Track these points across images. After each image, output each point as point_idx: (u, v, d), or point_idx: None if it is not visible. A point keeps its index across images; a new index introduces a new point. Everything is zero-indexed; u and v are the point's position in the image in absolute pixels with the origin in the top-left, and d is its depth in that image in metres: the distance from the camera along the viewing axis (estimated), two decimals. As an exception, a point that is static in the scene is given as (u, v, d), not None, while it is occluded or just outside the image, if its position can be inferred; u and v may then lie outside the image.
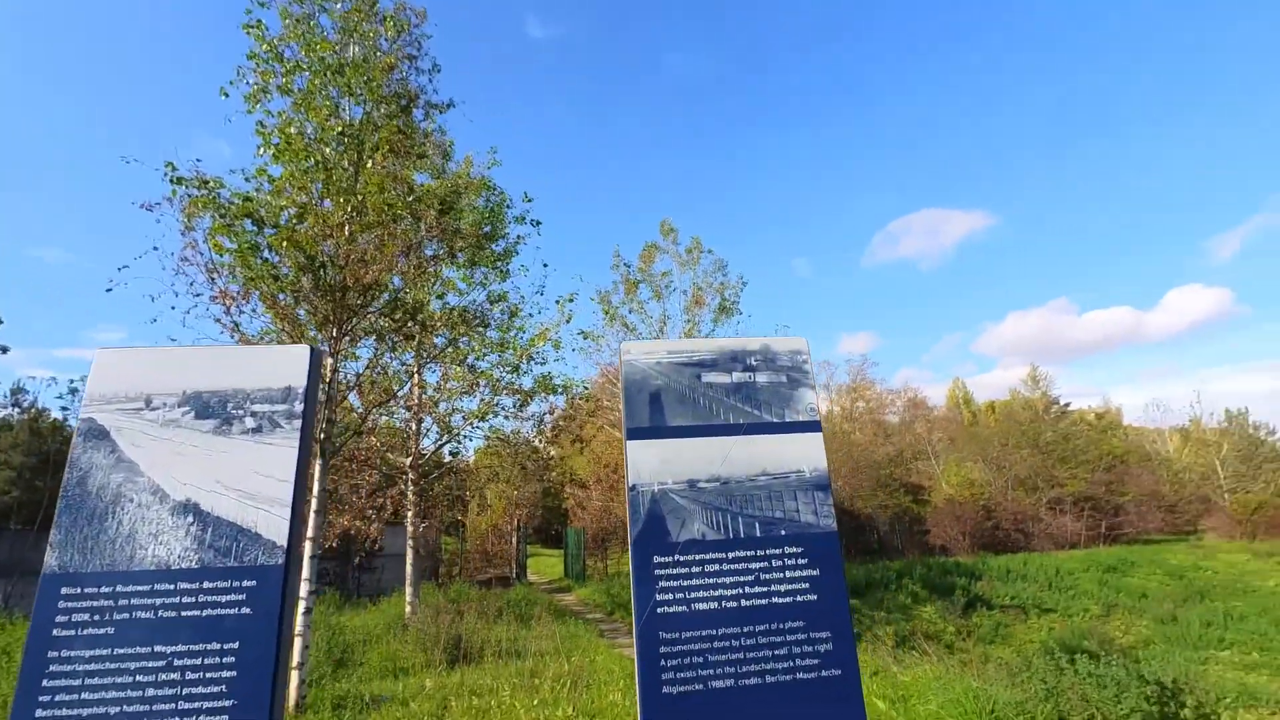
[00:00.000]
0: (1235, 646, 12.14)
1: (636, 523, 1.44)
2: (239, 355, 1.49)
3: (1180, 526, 26.00)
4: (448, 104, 9.66)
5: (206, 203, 7.02)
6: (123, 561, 1.28)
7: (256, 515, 1.33)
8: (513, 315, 11.56)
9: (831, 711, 1.31)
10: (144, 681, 1.20)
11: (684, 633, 1.34)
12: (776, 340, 1.64)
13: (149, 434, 1.37)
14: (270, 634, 1.25)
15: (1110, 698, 5.66)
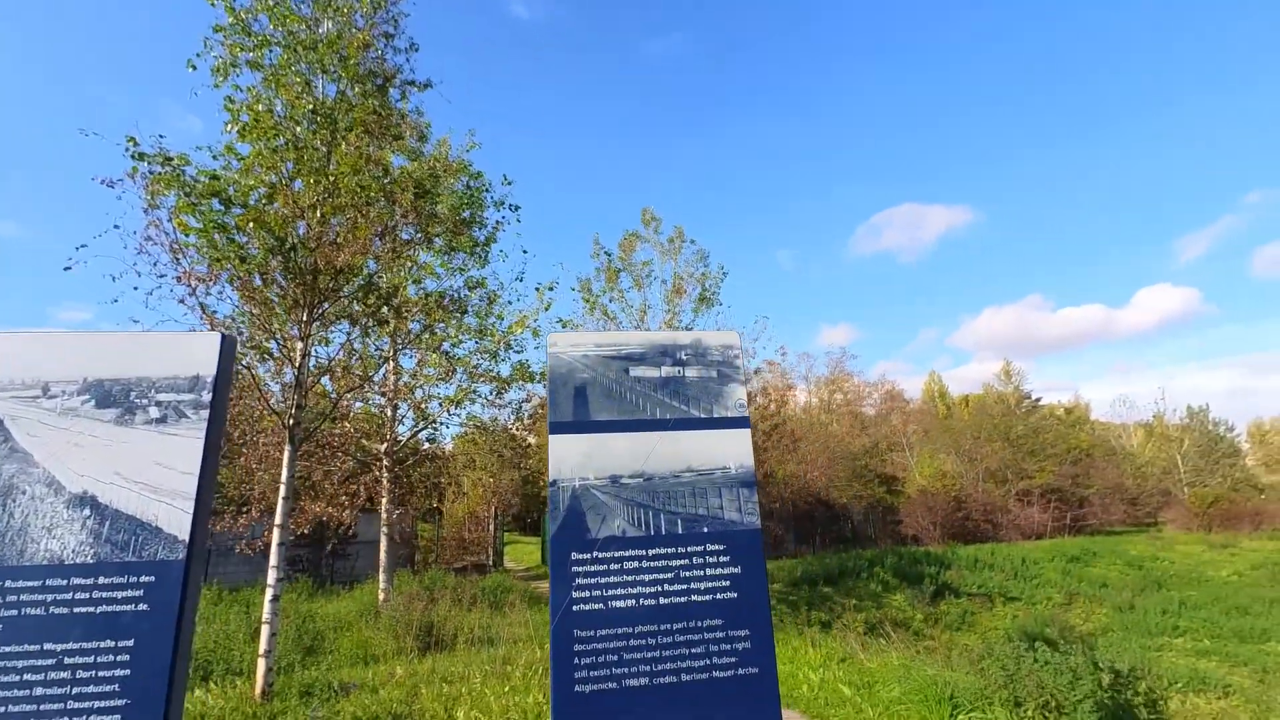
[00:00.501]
0: (1188, 634, 12.62)
1: (556, 519, 1.42)
2: (145, 342, 1.42)
3: (1141, 518, 26.90)
4: (425, 84, 9.41)
5: (170, 180, 6.77)
6: (12, 556, 1.23)
7: (158, 509, 1.28)
8: (491, 302, 11.43)
9: (747, 710, 1.31)
10: (32, 680, 1.15)
11: (599, 630, 1.33)
12: (709, 334, 1.62)
13: (46, 423, 1.31)
14: (168, 631, 1.21)
15: (1065, 684, 5.83)
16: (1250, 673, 10.10)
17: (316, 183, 7.65)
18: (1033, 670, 5.98)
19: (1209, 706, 7.93)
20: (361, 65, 8.39)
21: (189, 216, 7.23)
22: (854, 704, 5.54)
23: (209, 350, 1.41)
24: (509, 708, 5.53)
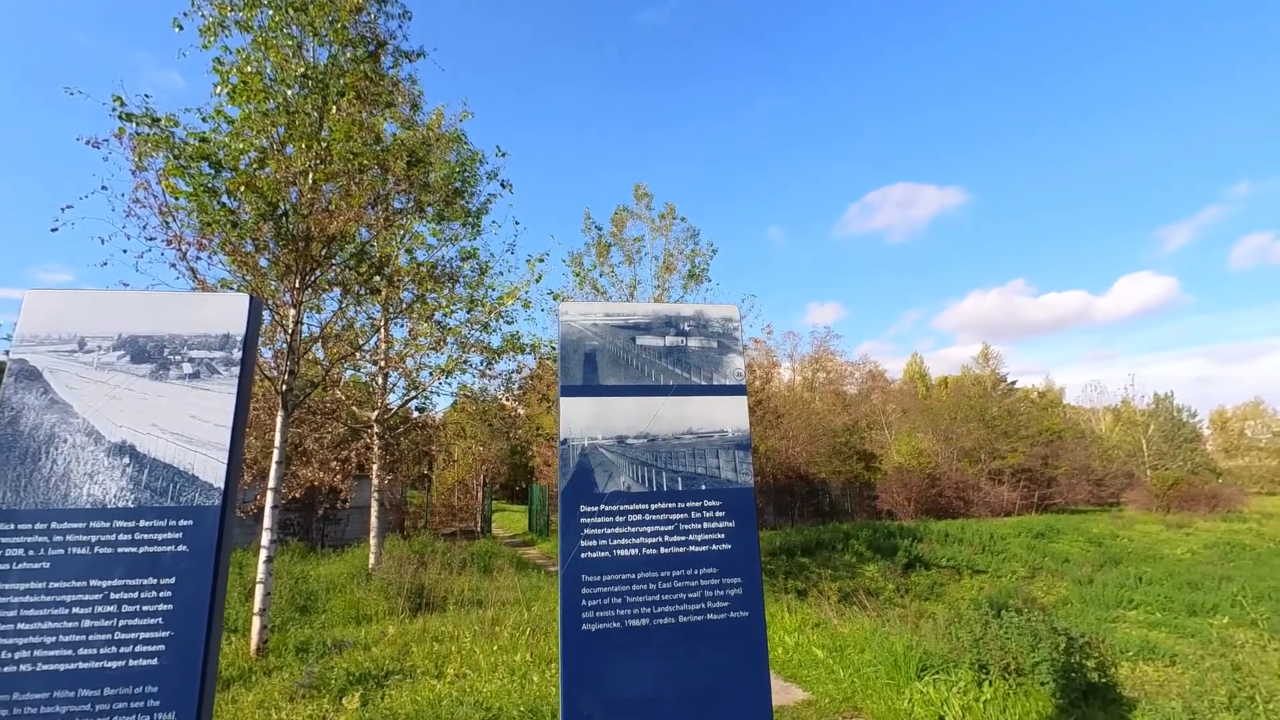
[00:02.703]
0: (1142, 607, 13.31)
1: (566, 475, 1.53)
2: (177, 301, 1.47)
3: (1105, 499, 28.01)
4: (418, 52, 9.17)
5: (158, 141, 6.58)
6: (57, 500, 1.30)
7: (194, 458, 1.36)
8: (483, 273, 11.35)
9: (737, 648, 1.46)
10: (80, 613, 1.24)
11: (605, 576, 1.46)
12: (710, 307, 1.72)
13: (83, 376, 1.37)
14: (206, 571, 1.31)
15: (1026, 646, 6.13)
16: (1197, 644, 10.75)
17: (309, 148, 7.49)
18: (997, 635, 6.30)
19: (1156, 674, 8.45)
20: (353, 29, 8.13)
21: (178, 179, 7.05)
22: (826, 665, 5.82)
23: (238, 310, 1.46)
24: (497, 665, 5.74)
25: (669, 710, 1.40)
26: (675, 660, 1.44)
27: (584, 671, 1.39)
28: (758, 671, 1.46)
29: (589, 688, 1.38)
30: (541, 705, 4.45)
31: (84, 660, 1.23)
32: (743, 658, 1.46)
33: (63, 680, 1.22)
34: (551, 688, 5.10)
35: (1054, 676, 5.72)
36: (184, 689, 1.24)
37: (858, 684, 5.29)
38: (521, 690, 5.04)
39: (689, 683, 1.42)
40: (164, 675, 1.24)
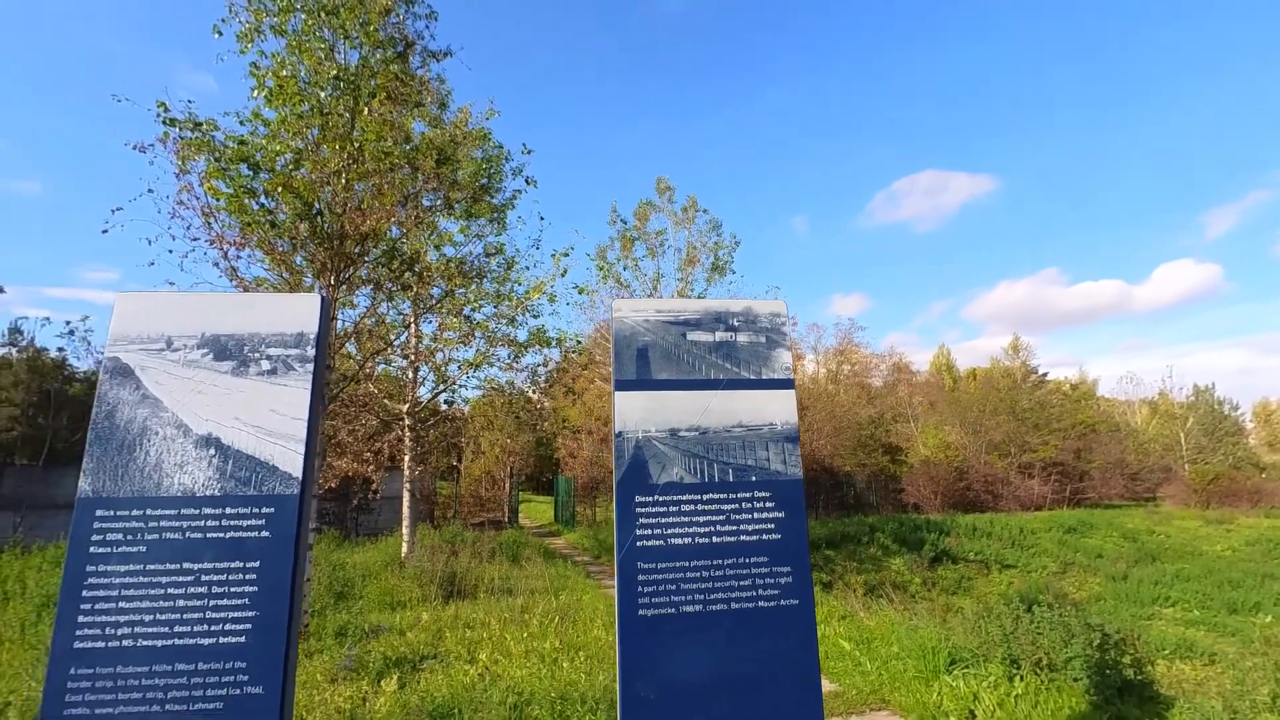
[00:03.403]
0: (1179, 604, 12.93)
1: (621, 466, 1.58)
2: (254, 301, 1.56)
3: (1140, 493, 27.19)
4: (445, 52, 9.29)
5: (200, 145, 6.83)
6: (151, 488, 1.39)
7: (273, 449, 1.44)
8: (509, 268, 11.49)
9: (788, 634, 1.50)
10: (174, 594, 1.34)
11: (660, 564, 1.51)
12: (758, 303, 1.75)
13: (171, 373, 1.46)
14: (288, 555, 1.39)
15: (1059, 642, 6.02)
16: (1238, 643, 10.41)
17: (342, 149, 7.67)
18: (1029, 629, 6.20)
19: (1193, 672, 8.22)
20: (382, 31, 8.28)
21: (219, 181, 7.30)
22: (853, 658, 5.80)
23: (311, 310, 1.54)
24: (528, 651, 5.87)
25: (722, 694, 1.45)
26: (728, 645, 1.48)
27: (640, 655, 1.45)
28: (808, 657, 1.50)
29: (645, 670, 1.43)
30: (571, 691, 4.54)
31: (179, 637, 1.33)
32: (793, 644, 1.50)
33: (160, 655, 1.32)
34: (581, 674, 5.21)
35: (1088, 673, 5.61)
36: (270, 664, 1.33)
37: (885, 677, 5.27)
38: (552, 676, 5.15)
39: (741, 667, 1.47)
40: (251, 651, 1.33)
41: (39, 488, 12.77)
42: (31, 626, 7.12)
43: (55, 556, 10.56)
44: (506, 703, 4.32)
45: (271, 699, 1.31)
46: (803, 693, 1.47)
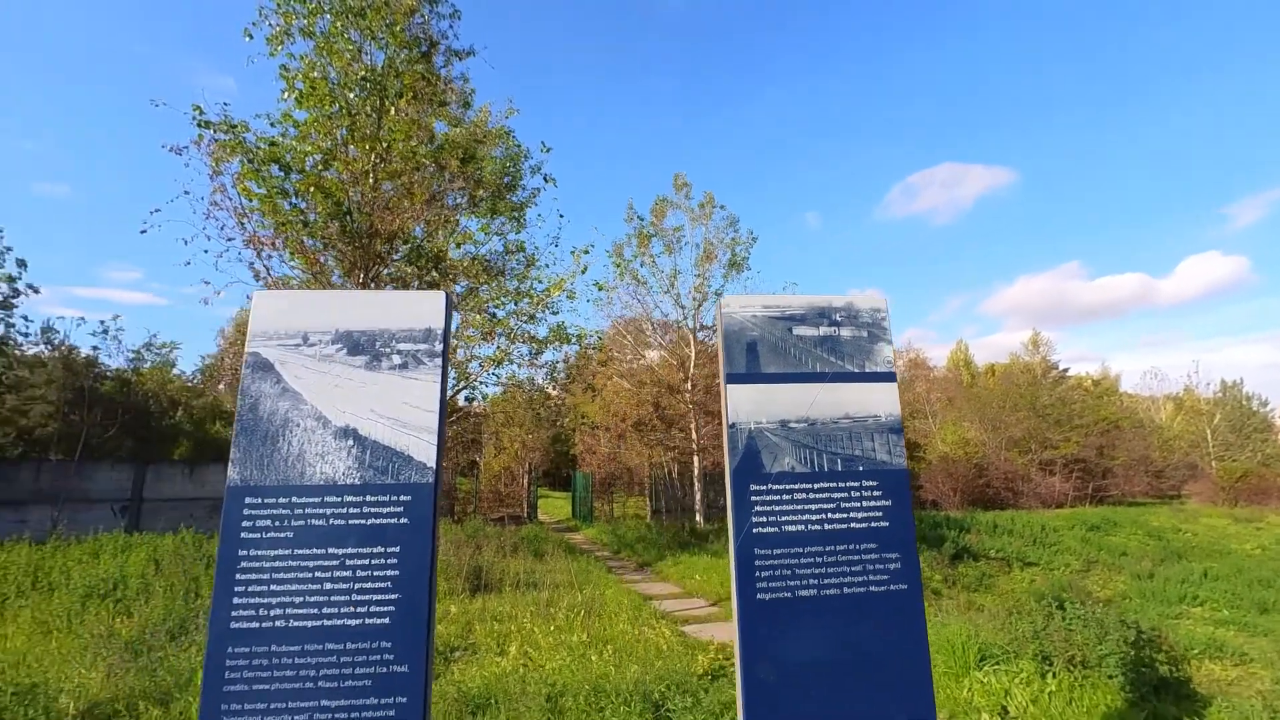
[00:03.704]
0: (1207, 603, 12.74)
1: (735, 456, 1.64)
2: (382, 299, 1.62)
3: (1165, 491, 26.78)
4: (468, 50, 9.38)
5: (234, 147, 6.98)
6: (295, 477, 1.47)
7: (408, 440, 1.51)
8: (529, 265, 11.58)
9: (898, 618, 1.55)
10: (321, 577, 1.41)
11: (775, 550, 1.56)
12: (859, 298, 1.80)
13: (308, 367, 1.53)
14: (425, 541, 1.46)
15: (1092, 639, 5.98)
16: (1269, 643, 10.25)
17: (371, 149, 7.79)
18: (1061, 626, 6.17)
19: (1223, 672, 8.11)
20: (407, 31, 8.38)
21: (252, 182, 7.45)
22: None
23: (437, 307, 1.61)
24: (556, 644, 5.95)
25: (838, 674, 1.50)
26: (841, 628, 1.54)
27: (759, 637, 1.50)
28: (917, 640, 1.55)
29: (765, 652, 1.49)
30: (604, 683, 4.60)
31: (327, 618, 1.40)
32: (903, 627, 1.55)
33: (311, 635, 1.39)
34: (611, 667, 5.27)
35: (1123, 670, 5.57)
36: (413, 644, 1.40)
37: (917, 672, 5.27)
38: (583, 669, 5.22)
39: (855, 649, 1.52)
40: (395, 632, 1.40)
41: (74, 482, 13.12)
42: (77, 616, 7.32)
43: (94, 548, 10.83)
44: (541, 694, 4.39)
45: (416, 677, 1.38)
46: (914, 674, 1.52)
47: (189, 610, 7.06)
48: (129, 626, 6.54)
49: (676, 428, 16.23)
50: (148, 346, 16.31)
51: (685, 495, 18.14)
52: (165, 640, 5.91)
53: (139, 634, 6.09)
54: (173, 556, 9.90)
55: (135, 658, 5.26)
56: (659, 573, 11.35)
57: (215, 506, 14.21)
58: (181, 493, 14.17)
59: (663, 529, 14.88)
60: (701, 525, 15.39)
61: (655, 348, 17.73)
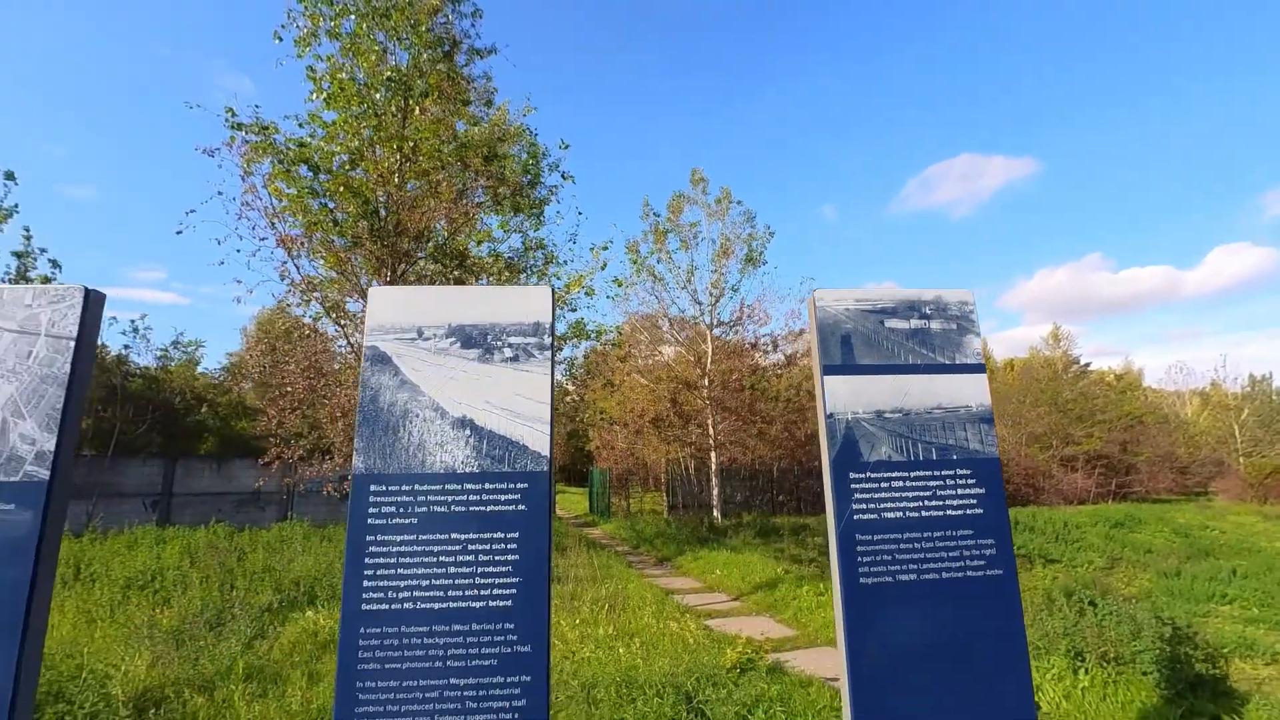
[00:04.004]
0: (1237, 602, 12.53)
1: (834, 445, 1.68)
2: (493, 295, 1.68)
3: (1191, 488, 26.34)
4: (490, 49, 9.45)
5: (265, 148, 7.13)
6: (416, 465, 1.53)
7: (523, 430, 1.57)
8: (548, 262, 11.65)
9: (994, 603, 1.59)
10: (446, 561, 1.48)
11: (875, 536, 1.61)
12: (947, 292, 1.84)
13: (424, 360, 1.60)
14: (542, 526, 1.52)
15: (1126, 635, 5.93)
16: (1302, 641, 10.06)
17: (398, 149, 7.90)
18: (1094, 622, 6.13)
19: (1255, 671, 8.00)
20: (431, 31, 8.47)
21: (282, 183, 7.59)
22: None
23: (544, 301, 1.67)
24: (583, 637, 6.02)
25: (939, 656, 1.54)
26: (941, 612, 1.58)
27: (864, 620, 1.55)
28: (1014, 623, 1.59)
29: (869, 635, 1.53)
30: (633, 675, 4.66)
31: (453, 601, 1.46)
32: (1000, 611, 1.60)
33: (437, 617, 1.46)
34: (639, 659, 5.33)
35: (1158, 666, 5.54)
36: (535, 626, 1.46)
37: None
38: (612, 660, 5.29)
39: (954, 632, 1.57)
40: (518, 614, 1.46)
41: (107, 477, 13.46)
42: (119, 606, 7.53)
43: (129, 541, 11.11)
44: (575, 683, 4.46)
45: (539, 657, 1.44)
46: (1012, 657, 1.56)
47: (225, 601, 7.24)
48: (169, 616, 6.72)
49: (694, 423, 16.26)
50: (174, 344, 16.64)
51: (702, 491, 18.18)
52: (205, 630, 6.07)
53: (179, 624, 6.26)
54: (206, 549, 10.13)
55: (178, 647, 5.41)
56: (679, 568, 11.41)
57: (241, 501, 14.51)
58: (209, 487, 14.48)
59: (681, 524, 14.94)
60: (719, 521, 15.43)
61: (672, 344, 17.76)
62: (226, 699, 4.31)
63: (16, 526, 1.41)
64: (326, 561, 9.37)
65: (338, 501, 13.92)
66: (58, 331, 1.54)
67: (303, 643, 5.80)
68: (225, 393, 16.88)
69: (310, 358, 10.78)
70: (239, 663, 5.01)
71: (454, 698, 1.40)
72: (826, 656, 5.79)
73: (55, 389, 1.49)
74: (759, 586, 9.03)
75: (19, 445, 1.46)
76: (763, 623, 7.05)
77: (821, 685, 4.72)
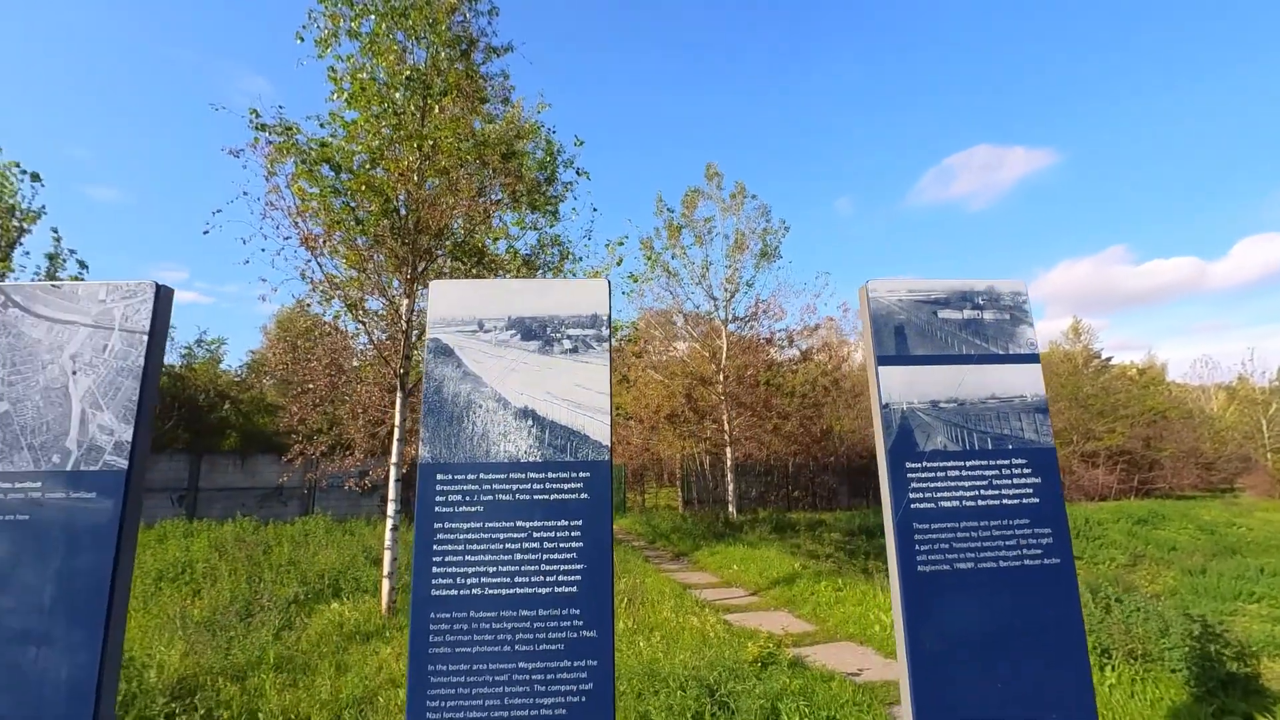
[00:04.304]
0: (1265, 600, 12.30)
1: (890, 435, 1.70)
2: (552, 287, 1.72)
3: (1216, 484, 25.82)
4: (507, 47, 9.49)
5: (289, 148, 7.24)
6: (481, 455, 1.57)
7: (584, 420, 1.60)
8: (564, 258, 11.69)
9: (1052, 591, 1.60)
10: (511, 549, 1.52)
11: (932, 525, 1.63)
12: (1000, 282, 1.84)
13: (486, 352, 1.64)
14: (605, 514, 1.55)
15: (1154, 632, 5.87)
16: (1335, 639, 9.85)
17: (418, 147, 7.97)
18: (1121, 619, 6.06)
19: (1285, 670, 7.85)
20: (449, 29, 8.52)
21: (305, 182, 7.70)
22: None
23: (601, 294, 1.70)
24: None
25: (998, 644, 1.56)
26: (999, 600, 1.60)
27: (921, 607, 1.57)
28: (1072, 612, 1.60)
29: (927, 621, 1.55)
30: (655, 667, 4.70)
31: (519, 586, 1.51)
32: (1058, 599, 1.61)
33: (505, 602, 1.50)
34: (659, 653, 5.37)
35: (1187, 664, 5.48)
36: (600, 611, 1.50)
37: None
38: (633, 653, 5.34)
39: (1012, 619, 1.58)
40: (582, 600, 1.50)
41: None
42: (152, 598, 7.73)
43: (159, 534, 11.38)
44: None
45: (604, 641, 1.48)
46: (1070, 646, 1.57)
47: (253, 593, 7.40)
48: (200, 607, 6.89)
49: (709, 419, 16.25)
50: (198, 343, 16.95)
51: (717, 486, 18.18)
52: (235, 621, 6.21)
53: (210, 615, 6.42)
54: (233, 542, 10.36)
55: (210, 637, 5.56)
56: (696, 562, 11.44)
57: (265, 496, 14.78)
58: (233, 482, 14.77)
59: (697, 520, 14.97)
60: (735, 516, 15.43)
61: (686, 339, 17.75)
62: (258, 688, 4.42)
63: (98, 514, 1.48)
64: (350, 555, 9.54)
65: (358, 496, 14.13)
66: (130, 326, 1.60)
67: (329, 634, 5.92)
68: (248, 390, 17.17)
69: (331, 355, 10.95)
70: (269, 653, 5.13)
71: (522, 681, 1.44)
72: (847, 652, 5.79)
73: (130, 381, 1.55)
74: (776, 582, 9.04)
75: (98, 436, 1.52)
76: (782, 618, 7.06)
77: (844, 680, 4.73)
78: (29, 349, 1.59)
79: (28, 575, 1.44)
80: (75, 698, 1.37)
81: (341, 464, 10.90)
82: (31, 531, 1.47)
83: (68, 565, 1.45)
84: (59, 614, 1.42)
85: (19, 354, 1.57)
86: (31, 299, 1.64)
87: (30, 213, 13.11)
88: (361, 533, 12.15)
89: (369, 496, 14.46)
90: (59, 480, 1.52)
